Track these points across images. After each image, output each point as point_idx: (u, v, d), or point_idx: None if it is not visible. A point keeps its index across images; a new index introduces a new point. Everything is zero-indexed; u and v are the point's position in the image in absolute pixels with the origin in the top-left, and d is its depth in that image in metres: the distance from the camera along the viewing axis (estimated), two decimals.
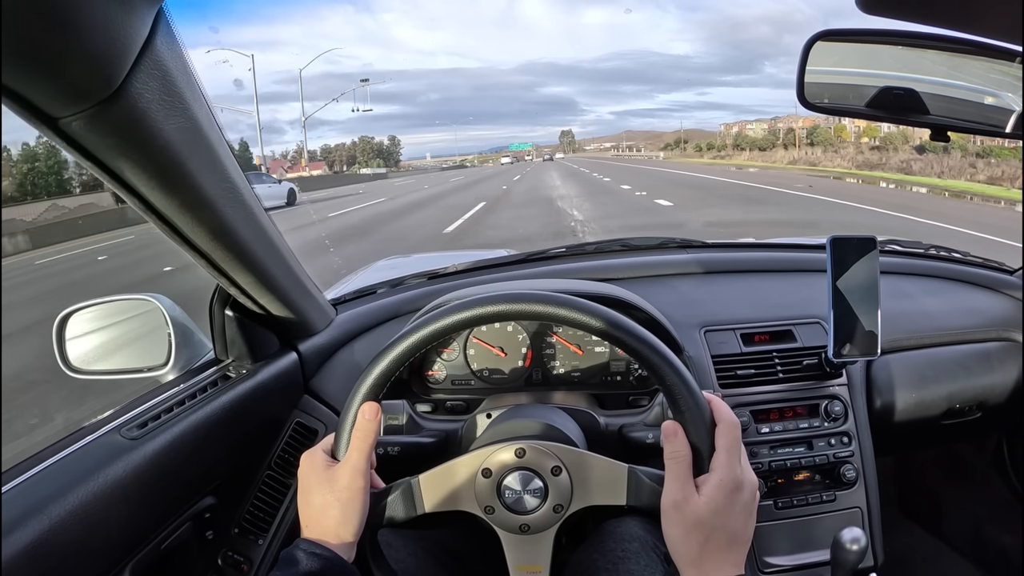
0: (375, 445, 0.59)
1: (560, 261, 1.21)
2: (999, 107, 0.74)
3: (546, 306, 0.59)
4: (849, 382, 1.01)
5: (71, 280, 7.82)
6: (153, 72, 0.47)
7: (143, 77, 0.46)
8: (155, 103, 0.48)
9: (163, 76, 0.48)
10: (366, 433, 0.58)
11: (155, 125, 0.50)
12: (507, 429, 0.69)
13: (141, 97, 0.47)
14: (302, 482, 0.59)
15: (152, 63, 0.47)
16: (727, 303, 1.08)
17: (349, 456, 0.57)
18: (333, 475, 0.57)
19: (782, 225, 7.61)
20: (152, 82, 0.47)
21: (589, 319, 0.59)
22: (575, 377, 0.97)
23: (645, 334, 0.59)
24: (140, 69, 0.45)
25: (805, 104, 0.74)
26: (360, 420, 0.58)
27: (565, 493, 0.61)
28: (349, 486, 0.56)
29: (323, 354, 0.96)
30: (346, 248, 7.57)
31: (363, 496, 0.57)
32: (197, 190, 0.59)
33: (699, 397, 0.58)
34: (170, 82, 0.50)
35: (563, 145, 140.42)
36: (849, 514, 0.97)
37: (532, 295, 0.60)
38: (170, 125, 0.51)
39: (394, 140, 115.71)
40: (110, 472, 0.60)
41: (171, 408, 0.73)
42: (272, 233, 0.75)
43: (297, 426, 0.89)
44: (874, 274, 0.90)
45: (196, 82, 0.55)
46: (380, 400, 0.61)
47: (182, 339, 0.87)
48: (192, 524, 0.75)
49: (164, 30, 0.48)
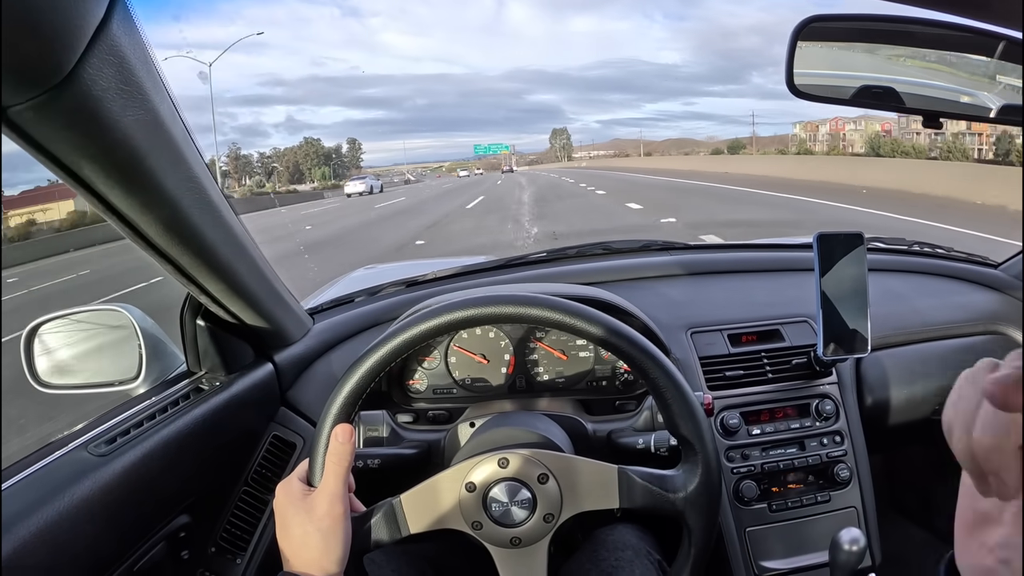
0: (351, 467, 0.57)
1: (541, 266, 1.19)
2: (990, 93, 0.74)
3: (520, 307, 0.58)
4: (839, 380, 1.00)
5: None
6: (108, 58, 0.44)
7: (97, 62, 0.43)
8: (111, 91, 0.45)
9: (119, 63, 0.46)
10: (340, 456, 0.56)
11: (111, 116, 0.47)
12: (489, 439, 0.67)
13: (95, 84, 0.44)
14: (279, 513, 0.57)
15: (107, 48, 0.44)
16: (713, 304, 1.07)
17: (325, 482, 0.56)
18: (311, 504, 0.55)
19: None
20: (107, 68, 0.44)
21: (575, 321, 0.58)
22: (560, 383, 0.95)
23: (631, 333, 0.58)
24: (94, 53, 0.43)
25: (794, 91, 0.72)
26: (333, 443, 0.56)
27: (555, 501, 0.59)
28: (328, 513, 0.54)
29: (300, 364, 0.93)
30: None
31: (343, 523, 0.55)
32: (159, 189, 0.55)
33: (690, 397, 0.57)
34: (127, 69, 0.47)
35: (554, 151, 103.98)
36: (845, 514, 0.95)
37: (505, 297, 0.59)
38: (128, 116, 0.48)
39: (354, 144, 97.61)
40: (77, 490, 0.57)
41: (141, 423, 0.70)
42: (243, 237, 0.72)
43: (274, 439, 0.86)
44: (862, 270, 0.89)
45: (157, 72, 0.52)
46: (356, 417, 0.59)
47: (153, 351, 0.84)
48: (166, 544, 0.72)
49: (121, 12, 0.45)
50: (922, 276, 1.26)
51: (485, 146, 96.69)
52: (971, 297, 1.23)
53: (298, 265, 6.55)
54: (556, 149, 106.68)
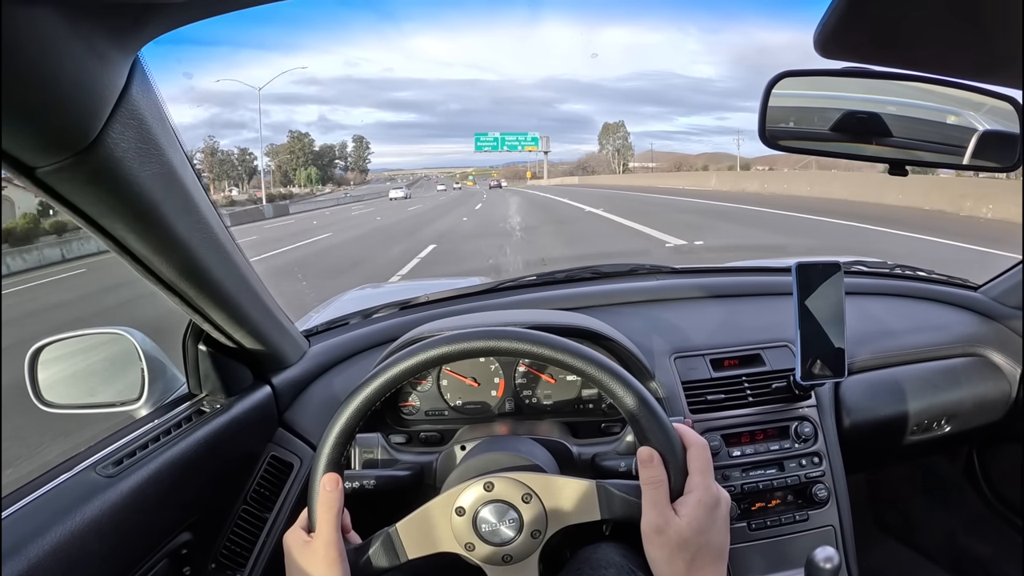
0: (342, 511, 0.63)
1: (531, 290, 1.22)
2: (959, 127, 0.76)
3: (494, 341, 0.63)
4: (818, 403, 1.03)
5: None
6: (129, 122, 0.48)
7: (119, 127, 0.47)
8: (131, 151, 0.50)
9: (139, 125, 0.50)
10: (330, 505, 0.62)
11: (131, 173, 0.51)
12: (475, 465, 0.70)
13: (117, 147, 0.48)
14: (287, 560, 0.63)
15: (128, 112, 0.48)
16: (697, 329, 1.10)
17: (319, 530, 0.62)
18: (310, 550, 0.61)
19: None
20: (128, 132, 0.48)
21: (550, 352, 0.62)
22: (548, 406, 0.98)
23: (610, 364, 0.61)
24: (116, 119, 0.47)
25: (766, 142, 0.76)
26: (323, 493, 0.62)
27: (540, 518, 0.63)
28: (324, 558, 0.60)
29: (297, 387, 0.96)
30: None
31: (339, 564, 0.61)
32: (172, 232, 0.60)
33: (666, 424, 0.60)
34: (146, 130, 0.51)
35: (605, 157, 70.45)
36: (822, 532, 0.98)
37: (479, 332, 0.63)
38: (146, 172, 0.52)
39: (361, 144, 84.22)
40: (87, 510, 0.60)
41: (146, 444, 0.73)
42: (245, 269, 0.75)
43: (272, 460, 0.89)
44: (839, 298, 0.92)
45: (171, 126, 0.56)
46: (352, 443, 0.62)
47: (155, 373, 0.86)
48: (169, 561, 0.75)
49: (140, 79, 0.49)
50: (903, 299, 1.30)
51: (493, 138, 53.37)
52: (950, 319, 1.27)
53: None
54: (608, 154, 78.39)
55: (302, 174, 72.76)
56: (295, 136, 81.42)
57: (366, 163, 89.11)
